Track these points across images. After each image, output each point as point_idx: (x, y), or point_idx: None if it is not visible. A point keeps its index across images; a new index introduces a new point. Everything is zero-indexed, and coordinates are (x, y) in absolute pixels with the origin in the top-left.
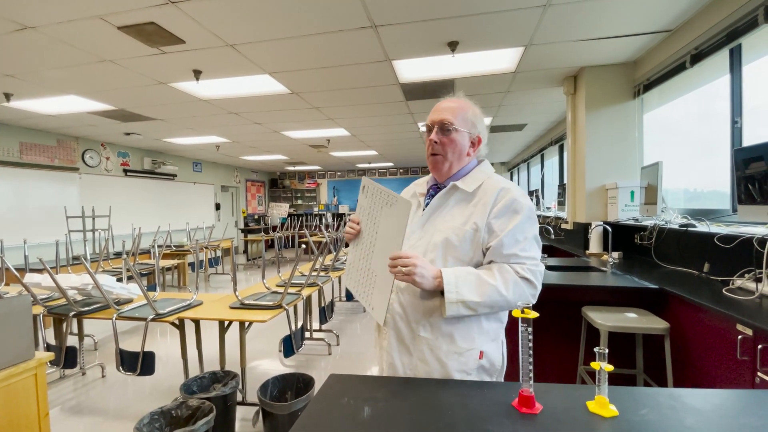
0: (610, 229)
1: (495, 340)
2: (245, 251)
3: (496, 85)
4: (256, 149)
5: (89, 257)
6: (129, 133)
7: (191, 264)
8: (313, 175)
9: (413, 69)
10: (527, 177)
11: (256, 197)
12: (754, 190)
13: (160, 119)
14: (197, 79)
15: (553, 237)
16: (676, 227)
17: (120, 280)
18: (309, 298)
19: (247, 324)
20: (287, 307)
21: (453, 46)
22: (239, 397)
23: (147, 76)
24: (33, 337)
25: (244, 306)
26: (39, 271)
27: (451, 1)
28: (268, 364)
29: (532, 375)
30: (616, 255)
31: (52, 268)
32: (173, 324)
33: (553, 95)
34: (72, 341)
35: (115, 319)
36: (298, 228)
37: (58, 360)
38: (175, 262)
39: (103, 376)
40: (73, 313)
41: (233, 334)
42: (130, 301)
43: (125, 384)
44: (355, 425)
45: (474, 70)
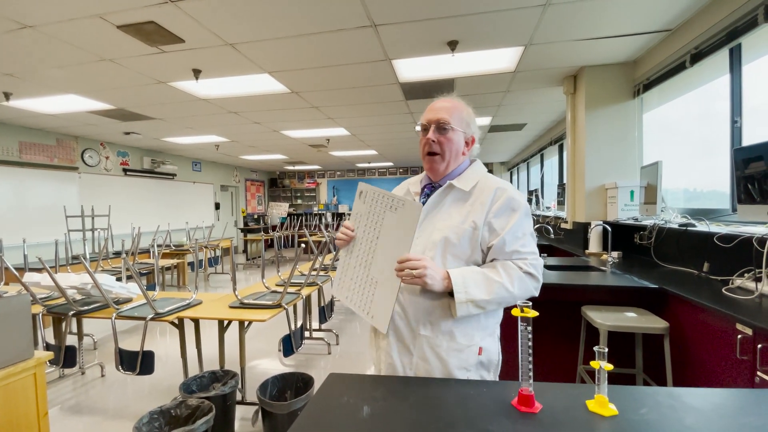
0: (609, 229)
1: (492, 335)
2: (245, 251)
3: (495, 85)
4: (255, 149)
5: (88, 257)
6: (128, 133)
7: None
8: (313, 175)
9: (413, 68)
10: (527, 177)
11: (255, 197)
12: (753, 189)
13: (159, 118)
14: (197, 79)
15: (553, 236)
16: (675, 227)
17: (119, 279)
18: (308, 297)
19: (247, 323)
20: (287, 307)
21: (453, 45)
22: (239, 397)
23: (146, 75)
24: (32, 337)
25: (243, 305)
26: (38, 271)
27: (451, 1)
28: (267, 363)
29: (531, 374)
30: (615, 254)
31: (51, 267)
32: (172, 323)
33: (553, 95)
34: (71, 340)
35: (115, 319)
36: (297, 227)
37: (57, 359)
38: (175, 261)
39: (103, 375)
40: (73, 313)
41: (233, 333)
42: (129, 301)
43: (124, 383)
44: (355, 424)
45: (474, 69)
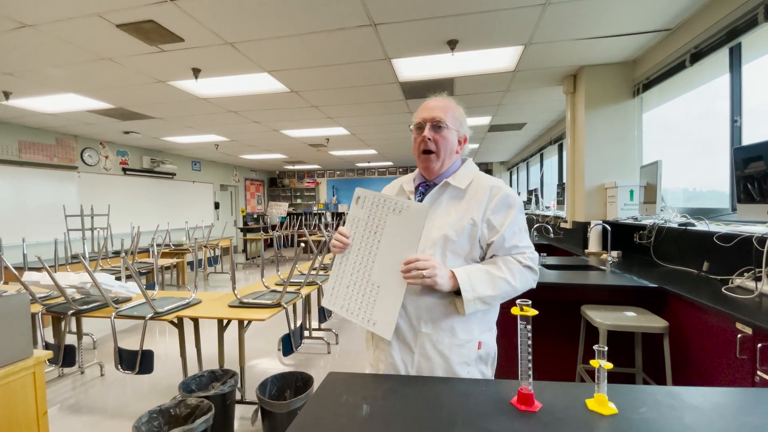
0: (609, 228)
1: (491, 329)
2: (244, 250)
3: (495, 84)
4: (255, 148)
5: (88, 256)
6: (128, 132)
7: (190, 263)
8: (313, 174)
9: (413, 67)
10: (526, 176)
11: (255, 196)
12: (753, 189)
13: (159, 118)
14: (196, 78)
15: (552, 236)
16: (675, 226)
17: (119, 278)
18: (308, 296)
19: (246, 322)
20: (286, 306)
21: (452, 44)
22: (238, 396)
23: (146, 74)
24: (31, 336)
25: (243, 305)
26: (38, 270)
27: (451, 0)
28: (267, 362)
29: (531, 373)
30: (615, 254)
31: (50, 266)
32: (172, 323)
33: (553, 94)
34: (71, 340)
35: (114, 318)
36: (297, 227)
37: (56, 358)
38: (174, 260)
39: (102, 374)
40: (72, 312)
41: (232, 332)
42: (128, 300)
43: (124, 383)
44: (354, 423)
45: (473, 68)
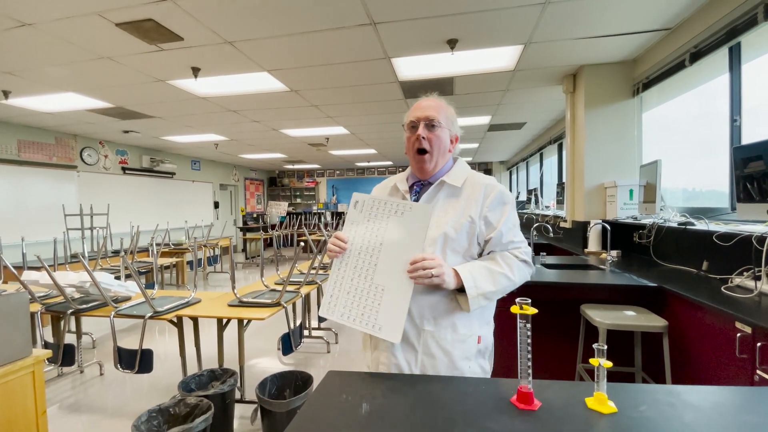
0: (608, 228)
1: (489, 323)
2: (244, 250)
3: (495, 84)
4: (254, 147)
5: (87, 255)
6: (127, 131)
7: (190, 262)
8: (312, 174)
9: (412, 67)
10: (526, 176)
11: (254, 196)
12: (752, 188)
13: (158, 117)
14: (196, 77)
15: (552, 235)
16: (674, 225)
17: (118, 278)
18: (308, 296)
19: (246, 322)
20: (286, 305)
21: (452, 43)
22: (238, 395)
23: (145, 73)
24: (30, 335)
25: (242, 304)
26: (37, 269)
27: None
28: (266, 362)
29: (531, 372)
30: (614, 253)
31: (50, 265)
32: (171, 322)
33: (553, 93)
34: (70, 339)
35: (113, 317)
36: (296, 226)
37: (55, 358)
38: (174, 260)
39: (101, 374)
40: (71, 311)
41: (232, 332)
42: (128, 299)
43: (123, 382)
44: (354, 422)
45: (473, 68)
